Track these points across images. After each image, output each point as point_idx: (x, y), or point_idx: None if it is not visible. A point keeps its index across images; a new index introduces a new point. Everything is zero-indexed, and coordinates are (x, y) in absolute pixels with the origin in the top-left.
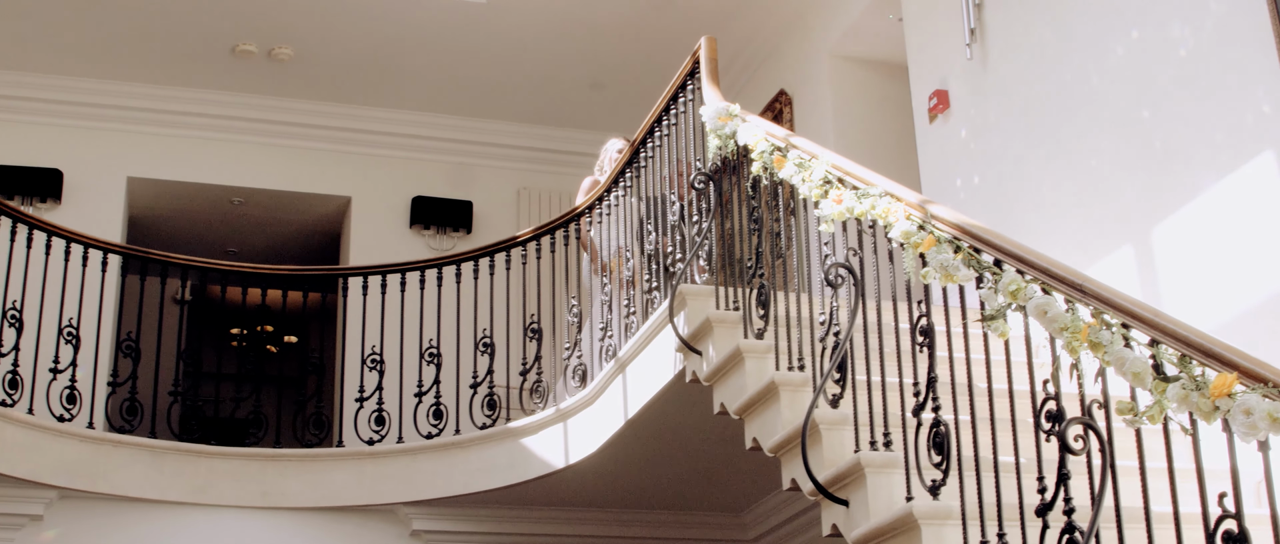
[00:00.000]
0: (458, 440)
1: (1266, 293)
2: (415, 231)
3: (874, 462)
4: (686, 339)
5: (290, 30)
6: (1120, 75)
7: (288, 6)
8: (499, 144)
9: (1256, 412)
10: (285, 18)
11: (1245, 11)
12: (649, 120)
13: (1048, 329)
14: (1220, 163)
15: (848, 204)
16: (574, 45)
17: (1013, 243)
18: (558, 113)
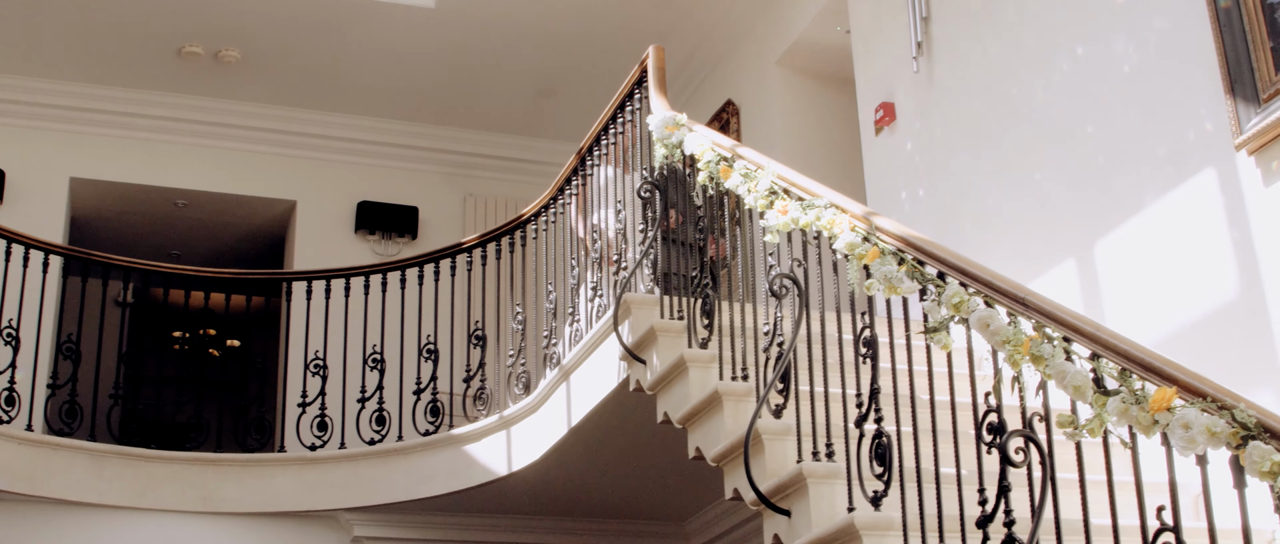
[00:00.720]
0: (400, 447)
1: (1206, 308)
2: (360, 237)
3: (816, 472)
4: (631, 348)
5: (237, 32)
6: (1065, 90)
7: (235, 8)
8: (446, 150)
9: (1195, 426)
10: (232, 19)
11: (1188, 29)
12: (596, 128)
13: (990, 342)
14: (1163, 179)
15: (793, 215)
16: (523, 52)
17: (956, 256)
18: (506, 119)
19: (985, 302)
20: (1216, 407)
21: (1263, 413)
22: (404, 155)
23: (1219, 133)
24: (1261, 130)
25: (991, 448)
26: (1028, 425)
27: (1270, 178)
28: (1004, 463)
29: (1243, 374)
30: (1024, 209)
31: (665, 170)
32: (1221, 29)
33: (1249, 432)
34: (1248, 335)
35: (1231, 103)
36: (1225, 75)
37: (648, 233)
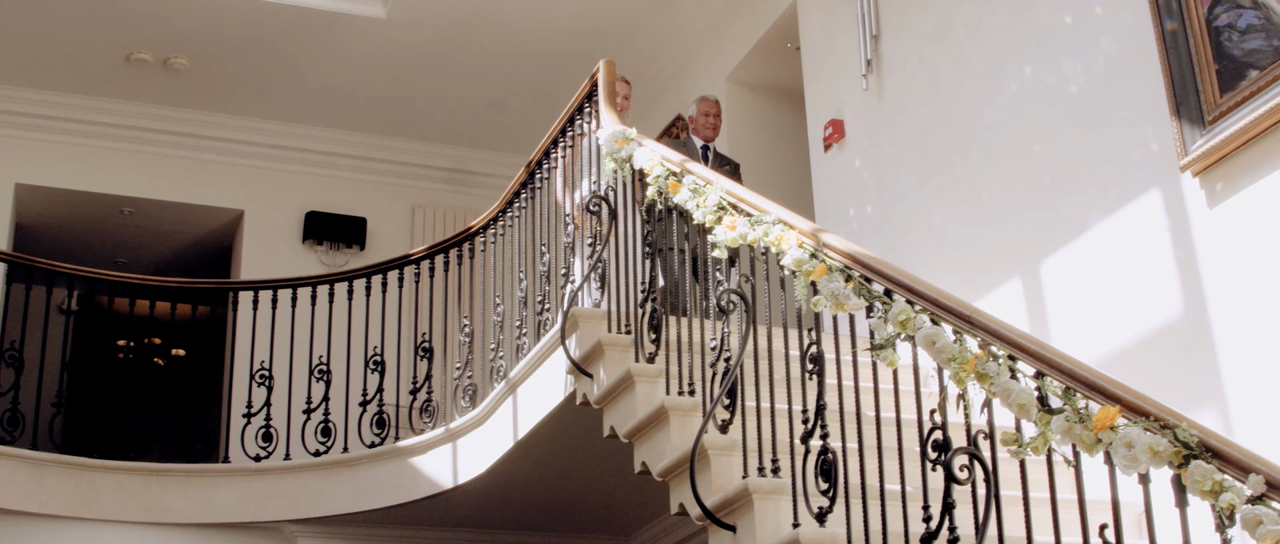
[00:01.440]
0: (346, 458)
1: (1151, 327)
2: (308, 247)
3: (762, 488)
4: (578, 361)
5: (187, 40)
6: (1013, 110)
7: (185, 16)
8: (395, 161)
9: (1138, 445)
10: (182, 27)
11: (1135, 51)
12: (546, 141)
13: (936, 359)
14: (1109, 199)
15: (741, 231)
16: (473, 64)
17: (903, 273)
18: (456, 131)
19: (932, 319)
20: (1159, 426)
21: (1205, 432)
22: (353, 166)
23: (1165, 154)
24: (1206, 152)
25: (936, 465)
26: (972, 443)
27: (1214, 199)
28: (948, 480)
29: (1186, 394)
30: (971, 227)
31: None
32: (1168, 51)
33: (1191, 451)
34: (1191, 355)
35: (1177, 124)
36: (1171, 97)
37: (596, 246)
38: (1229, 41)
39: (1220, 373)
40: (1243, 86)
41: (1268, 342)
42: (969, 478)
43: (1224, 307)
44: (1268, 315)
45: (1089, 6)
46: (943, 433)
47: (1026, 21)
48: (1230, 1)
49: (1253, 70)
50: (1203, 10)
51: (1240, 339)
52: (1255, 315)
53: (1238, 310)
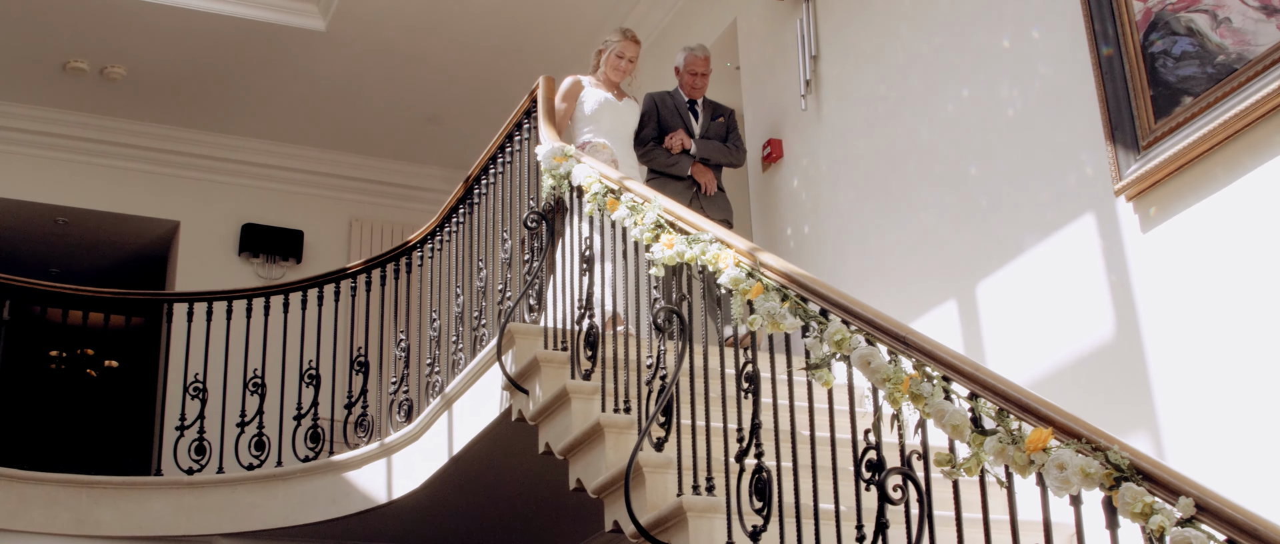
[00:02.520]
0: (279, 472)
1: (1085, 350)
2: (244, 259)
3: (696, 506)
4: (514, 377)
5: (124, 49)
6: (950, 132)
7: (123, 25)
8: (333, 174)
9: (1070, 467)
10: (120, 36)
11: (1072, 76)
12: (484, 156)
13: (871, 380)
14: (1044, 222)
15: (678, 249)
16: (412, 78)
17: (839, 293)
18: (394, 145)
19: (867, 339)
20: (1091, 448)
21: (1136, 455)
22: (290, 178)
23: (1099, 178)
24: (1140, 176)
25: (870, 485)
26: (906, 463)
27: (1148, 223)
28: (882, 500)
29: (1118, 416)
30: (907, 248)
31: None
32: (1103, 76)
33: (1122, 473)
34: (1124, 378)
35: (1112, 149)
36: (1106, 122)
37: (533, 263)
38: (1164, 68)
39: (1152, 396)
40: (1177, 113)
41: (1199, 365)
42: (902, 498)
43: (1157, 330)
44: (1199, 339)
45: (1026, 30)
46: (877, 453)
47: (964, 44)
48: (1165, 28)
49: (1187, 97)
50: (1138, 37)
51: (1172, 362)
52: (1187, 339)
53: (1170, 334)
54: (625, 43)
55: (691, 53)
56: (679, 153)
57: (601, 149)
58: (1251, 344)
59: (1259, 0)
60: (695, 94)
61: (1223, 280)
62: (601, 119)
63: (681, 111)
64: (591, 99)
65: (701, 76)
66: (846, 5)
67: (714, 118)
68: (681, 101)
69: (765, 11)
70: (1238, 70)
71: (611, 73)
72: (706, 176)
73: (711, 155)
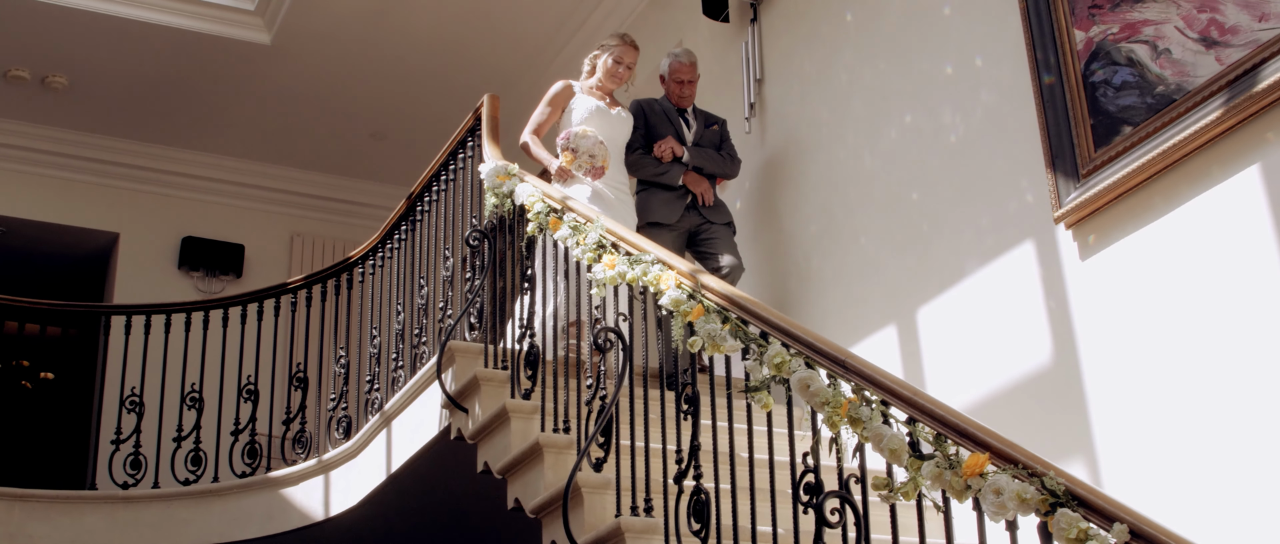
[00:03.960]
0: (216, 488)
1: (1023, 377)
2: (184, 273)
3: (634, 527)
4: (453, 396)
5: (67, 59)
6: (892, 157)
7: (66, 34)
8: (275, 188)
9: (1006, 492)
10: (62, 45)
11: (1013, 103)
12: (427, 173)
13: (810, 403)
14: (984, 248)
15: (620, 269)
16: (357, 94)
17: (779, 316)
18: (337, 160)
19: (806, 363)
20: (1027, 473)
21: (1072, 481)
22: (232, 192)
23: (1039, 205)
24: (1080, 204)
25: (808, 508)
26: (844, 487)
27: (1087, 251)
28: (820, 523)
29: (1056, 442)
30: (849, 273)
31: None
32: (1045, 104)
33: (1058, 499)
34: (1062, 404)
35: (1052, 177)
36: (1047, 150)
37: (475, 281)
38: (1104, 97)
39: (1090, 422)
40: (1116, 142)
41: (1135, 392)
42: (840, 521)
43: (1094, 357)
44: (1136, 366)
45: (969, 58)
46: (815, 476)
47: (908, 70)
48: (1106, 58)
49: (1126, 126)
50: (1080, 66)
51: (1109, 389)
52: (1123, 366)
53: (1107, 361)
54: (624, 48)
55: (676, 59)
56: (670, 161)
57: (585, 133)
58: (1186, 372)
59: (1198, 32)
60: (683, 103)
61: (1159, 309)
62: (593, 125)
63: (671, 118)
64: (582, 106)
65: (689, 84)
66: (791, 30)
67: (707, 126)
68: (670, 108)
69: (710, 34)
70: (1177, 101)
71: (607, 80)
72: (702, 186)
73: (706, 164)
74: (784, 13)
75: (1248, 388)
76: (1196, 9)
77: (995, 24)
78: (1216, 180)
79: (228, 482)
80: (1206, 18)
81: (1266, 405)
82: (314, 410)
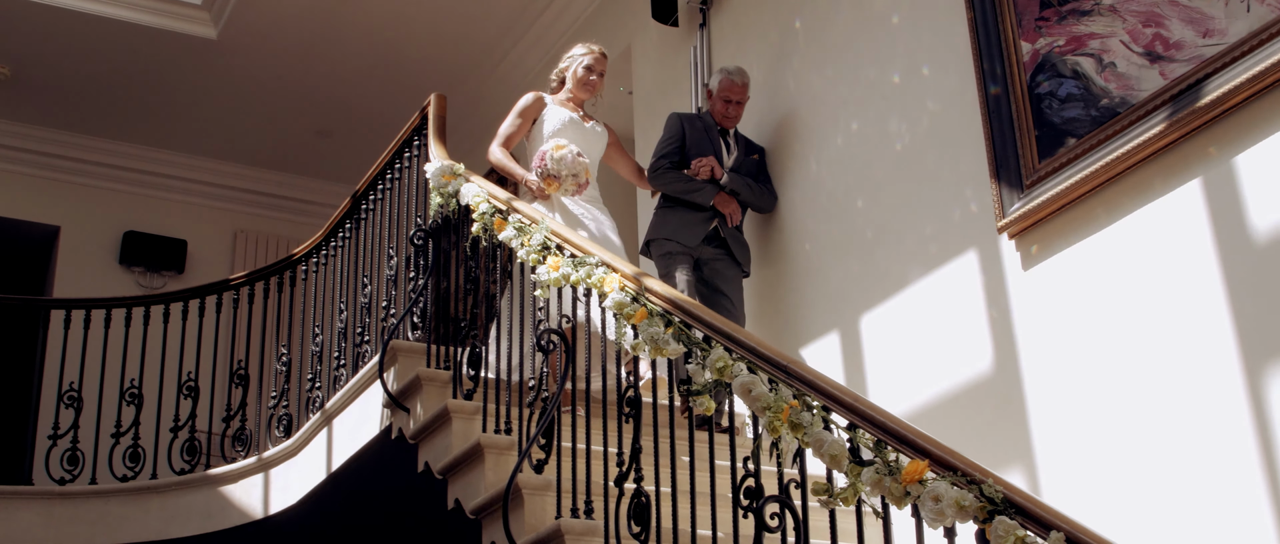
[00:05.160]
0: (154, 485)
1: (965, 385)
2: (125, 268)
3: (574, 529)
4: (395, 395)
5: (9, 49)
6: (838, 164)
7: (9, 24)
8: (219, 184)
9: (945, 499)
10: (5, 36)
11: (959, 113)
12: (372, 172)
13: (751, 407)
14: (928, 256)
15: (564, 271)
16: (303, 90)
17: (722, 321)
18: (282, 157)
19: (749, 367)
20: (966, 481)
21: (1010, 489)
22: (175, 187)
23: (983, 215)
24: (1023, 214)
25: (748, 512)
26: (784, 491)
27: (1029, 261)
28: (760, 528)
29: (996, 450)
30: (793, 278)
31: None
32: (990, 115)
33: (996, 506)
34: (1002, 413)
35: (996, 187)
36: (991, 160)
37: (418, 281)
38: (1049, 109)
39: (1029, 430)
40: (1060, 153)
41: (1074, 402)
42: (780, 526)
43: (1034, 366)
44: (1075, 376)
45: (916, 67)
46: (755, 480)
47: (855, 78)
48: (1052, 70)
49: (1070, 138)
50: (1026, 77)
51: (1049, 398)
52: (1063, 376)
53: (1047, 370)
54: (594, 57)
55: (728, 76)
56: (706, 180)
57: (558, 151)
58: (1125, 383)
59: (1143, 47)
60: (728, 123)
61: (1099, 320)
62: (565, 139)
63: (712, 137)
64: (554, 116)
65: (737, 105)
66: (740, 35)
67: (748, 153)
68: (712, 125)
69: (660, 38)
70: (1120, 114)
71: (579, 90)
72: (731, 206)
73: (742, 191)
74: (733, 18)
75: (1184, 399)
76: (1142, 23)
77: (943, 34)
78: (1158, 193)
79: (166, 479)
80: (1151, 32)
81: (1202, 416)
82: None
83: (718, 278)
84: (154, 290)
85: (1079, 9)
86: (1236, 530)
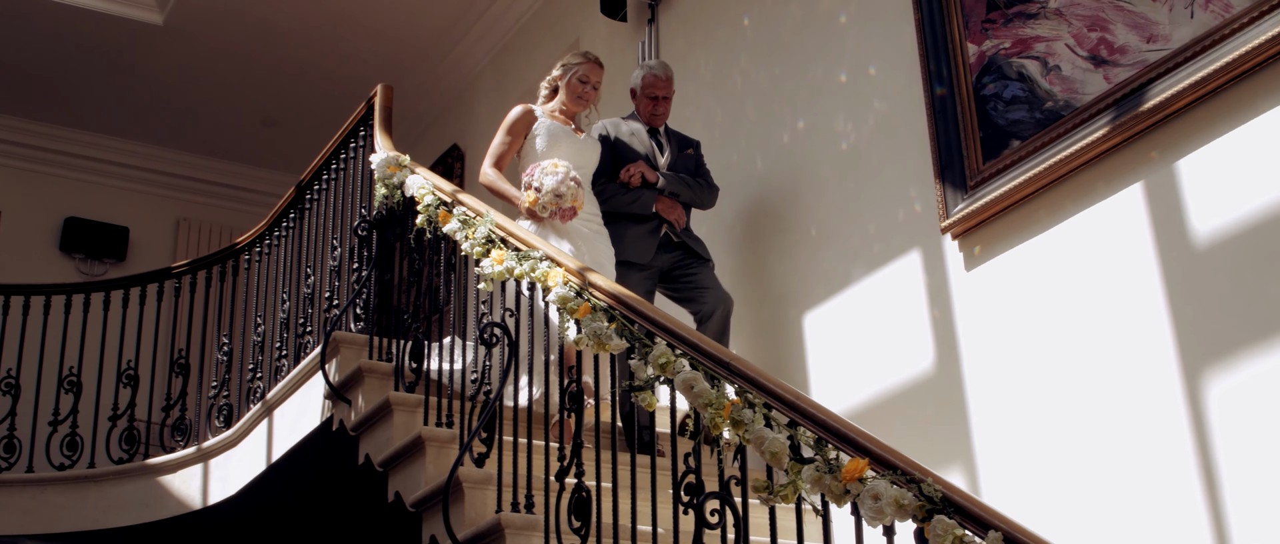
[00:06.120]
0: (92, 474)
1: (906, 384)
2: (65, 255)
3: (514, 523)
4: (337, 386)
5: None
6: (783, 161)
7: None
8: (163, 172)
9: (884, 497)
10: None
11: (906, 113)
12: (317, 162)
13: (693, 404)
14: (872, 255)
15: (508, 265)
16: (249, 79)
17: (665, 316)
18: (227, 145)
19: (691, 364)
20: (906, 479)
21: (949, 488)
22: (118, 173)
23: (928, 215)
24: (966, 215)
25: (688, 508)
26: (725, 488)
27: (972, 262)
28: (700, 524)
29: (936, 449)
30: (737, 275)
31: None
32: (936, 116)
33: (934, 505)
34: (943, 413)
35: (940, 187)
36: (936, 160)
37: (362, 272)
38: (994, 111)
39: (970, 430)
40: (1004, 155)
41: (1014, 402)
42: (720, 523)
43: (975, 366)
44: (1015, 377)
45: (863, 66)
46: (696, 477)
47: (802, 76)
48: (998, 72)
49: (1015, 140)
50: (971, 79)
51: (989, 399)
52: (1004, 376)
53: (988, 371)
54: (589, 66)
55: (650, 72)
56: (639, 187)
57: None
58: (1065, 384)
59: (1088, 51)
60: (656, 121)
61: (1040, 321)
62: (558, 154)
63: (642, 139)
64: (546, 130)
65: (663, 100)
66: (688, 31)
67: (682, 149)
68: (640, 128)
69: (608, 32)
70: (1064, 117)
71: (573, 103)
72: (676, 212)
73: (681, 192)
74: (682, 14)
75: (1123, 400)
76: (1087, 28)
77: (890, 34)
78: (1101, 196)
79: (104, 468)
80: (1097, 37)
81: (1141, 417)
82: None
83: (690, 281)
84: (94, 277)
85: (1025, 12)
86: (1173, 530)
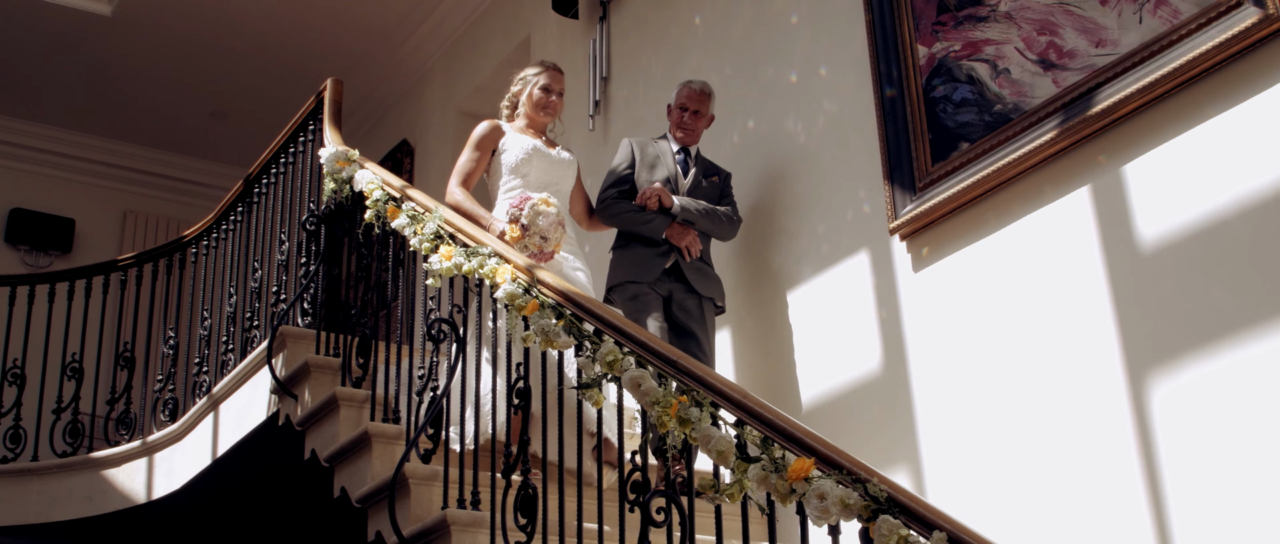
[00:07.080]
0: (34, 467)
1: (853, 384)
2: (10, 246)
3: (460, 519)
4: (283, 381)
5: None
6: (734, 162)
7: None
8: (110, 163)
9: (830, 497)
10: None
11: (855, 114)
12: (265, 155)
13: (640, 402)
14: (820, 255)
15: (456, 261)
16: (198, 71)
17: (614, 314)
18: (175, 138)
19: (639, 362)
20: (852, 479)
21: (894, 487)
22: (64, 165)
23: (876, 215)
24: (915, 217)
25: (634, 506)
26: (671, 486)
27: (920, 263)
28: (646, 522)
29: (883, 449)
30: None
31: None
32: (885, 117)
33: (880, 505)
34: (890, 413)
35: (889, 188)
36: (885, 161)
37: (309, 267)
38: (944, 113)
39: (916, 430)
40: (953, 157)
41: (961, 403)
42: (666, 521)
43: (922, 367)
44: (962, 378)
45: (814, 67)
46: (643, 475)
47: (753, 76)
48: (948, 75)
49: (964, 142)
50: (921, 81)
51: (935, 399)
52: (950, 377)
53: (935, 371)
54: (550, 74)
55: (687, 85)
56: (657, 210)
57: (546, 206)
58: (1010, 385)
59: (1037, 54)
60: (688, 140)
61: (987, 322)
62: (531, 169)
63: (666, 161)
64: (516, 145)
65: (695, 115)
66: (640, 30)
67: (706, 176)
68: (666, 150)
69: (559, 30)
70: (1013, 120)
71: (539, 114)
72: (687, 238)
73: (696, 220)
74: (633, 13)
75: (1068, 402)
76: (1037, 31)
77: (841, 35)
78: (1048, 199)
79: (48, 461)
80: (1046, 41)
81: (1085, 419)
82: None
83: (685, 316)
84: (39, 269)
85: (976, 15)
86: (1116, 530)
